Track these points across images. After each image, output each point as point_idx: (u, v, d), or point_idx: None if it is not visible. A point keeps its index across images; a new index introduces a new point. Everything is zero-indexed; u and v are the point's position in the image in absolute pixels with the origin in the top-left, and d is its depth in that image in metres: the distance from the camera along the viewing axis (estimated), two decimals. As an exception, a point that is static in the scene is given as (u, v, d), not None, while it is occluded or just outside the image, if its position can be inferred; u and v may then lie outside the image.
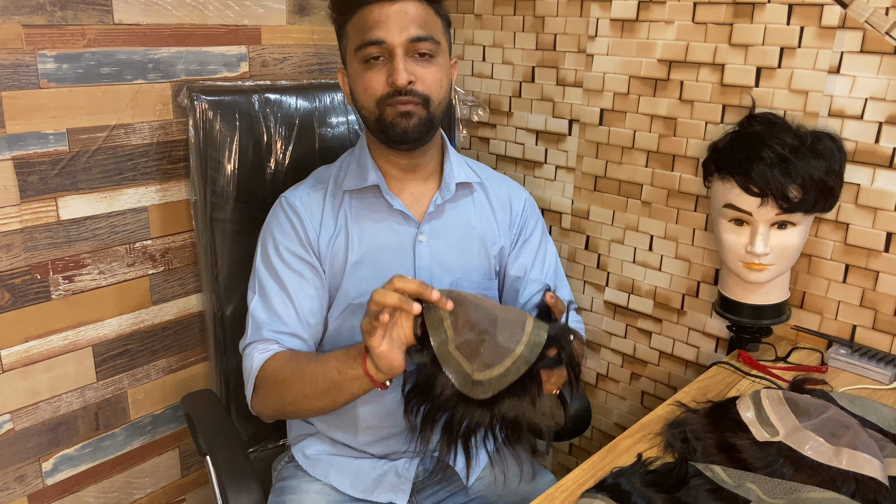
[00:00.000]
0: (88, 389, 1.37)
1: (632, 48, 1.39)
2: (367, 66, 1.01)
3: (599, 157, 1.49)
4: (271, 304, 1.06)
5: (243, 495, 1.00)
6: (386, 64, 1.00)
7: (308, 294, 1.07)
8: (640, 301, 1.50)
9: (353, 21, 1.02)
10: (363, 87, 1.02)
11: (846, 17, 1.14)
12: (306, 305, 1.07)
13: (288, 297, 1.06)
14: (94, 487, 1.43)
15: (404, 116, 1.01)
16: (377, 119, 1.02)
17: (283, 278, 1.06)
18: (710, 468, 0.87)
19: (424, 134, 1.04)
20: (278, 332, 1.05)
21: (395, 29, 0.98)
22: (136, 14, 1.26)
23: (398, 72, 0.98)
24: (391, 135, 1.03)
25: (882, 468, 0.84)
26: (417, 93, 1.00)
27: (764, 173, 1.08)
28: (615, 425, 1.63)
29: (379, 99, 1.01)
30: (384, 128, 1.02)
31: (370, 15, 0.99)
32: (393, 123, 1.01)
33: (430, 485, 1.17)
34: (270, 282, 1.07)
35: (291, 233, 1.08)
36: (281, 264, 1.07)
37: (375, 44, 0.99)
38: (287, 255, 1.07)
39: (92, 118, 1.25)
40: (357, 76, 1.03)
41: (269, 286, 1.07)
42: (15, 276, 1.23)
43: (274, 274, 1.07)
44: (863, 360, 1.17)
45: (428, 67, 1.01)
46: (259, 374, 1.03)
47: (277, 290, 1.06)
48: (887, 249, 1.18)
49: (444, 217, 1.12)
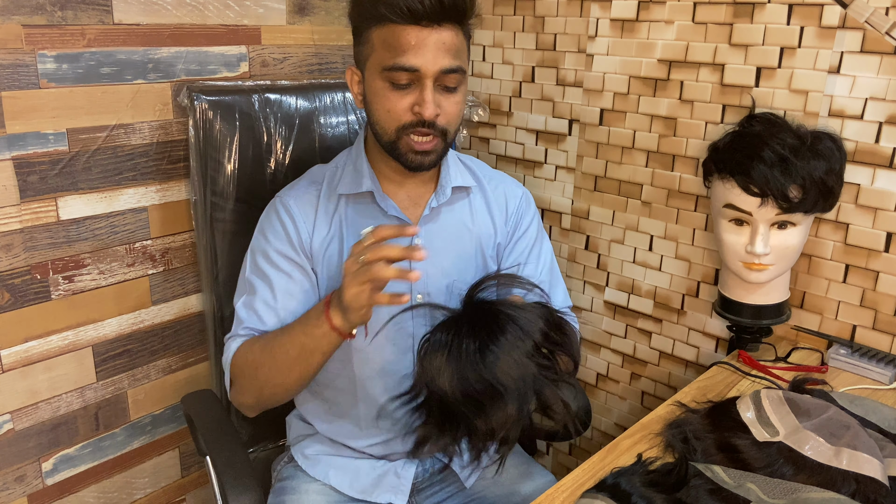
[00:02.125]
0: (88, 389, 1.37)
1: (632, 48, 1.39)
2: (392, 88, 0.98)
3: (599, 157, 1.49)
4: (254, 304, 1.07)
5: (243, 495, 1.00)
6: (412, 90, 0.97)
7: (293, 295, 1.07)
8: (640, 301, 1.50)
9: (381, 32, 0.97)
10: (385, 109, 0.99)
11: (846, 17, 1.14)
12: (290, 306, 1.07)
13: (273, 297, 1.06)
14: (94, 487, 1.43)
15: (421, 154, 1.00)
16: (392, 143, 1.01)
17: (271, 278, 1.07)
18: (711, 468, 0.87)
19: (436, 164, 1.05)
20: (253, 329, 1.06)
21: (430, 58, 0.95)
22: (136, 14, 1.26)
23: (427, 104, 0.96)
24: (403, 164, 1.02)
25: (882, 468, 0.84)
26: (438, 127, 0.99)
27: (764, 173, 1.08)
28: (615, 425, 1.63)
29: (400, 126, 0.99)
30: (398, 156, 1.02)
31: (405, 36, 0.94)
32: (408, 157, 1.01)
33: (430, 485, 1.17)
34: (258, 281, 1.07)
35: (283, 235, 1.08)
36: (268, 264, 1.07)
37: (408, 70, 0.95)
38: (276, 256, 1.07)
39: (92, 118, 1.25)
40: (379, 94, 0.99)
41: (256, 285, 1.07)
42: (15, 276, 1.23)
43: (261, 273, 1.07)
44: (863, 361, 1.17)
45: (452, 98, 1.00)
46: (233, 361, 1.05)
47: (263, 288, 1.07)
48: (887, 249, 1.18)
49: (439, 220, 1.12)
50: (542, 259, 1.21)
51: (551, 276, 1.22)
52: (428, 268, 1.10)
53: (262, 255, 1.08)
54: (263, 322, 1.06)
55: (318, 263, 1.08)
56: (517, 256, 1.18)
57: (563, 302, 1.23)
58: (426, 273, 1.10)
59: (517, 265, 1.18)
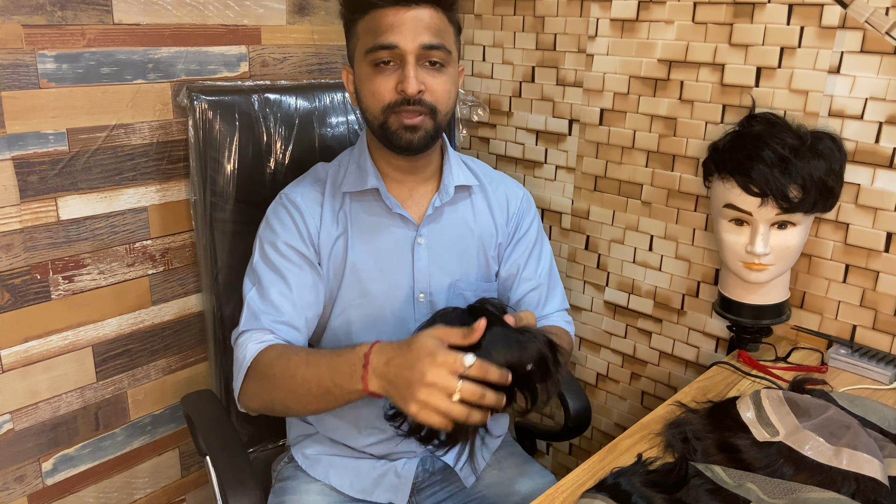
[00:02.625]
0: (88, 389, 1.37)
1: (632, 48, 1.39)
2: (376, 70, 0.99)
3: (599, 157, 1.49)
4: (269, 295, 1.04)
5: (243, 495, 1.00)
6: (396, 70, 0.99)
7: (306, 285, 1.06)
8: (640, 301, 1.50)
9: (364, 21, 1.00)
10: (371, 92, 1.00)
11: (846, 17, 1.14)
12: (304, 296, 1.06)
13: (287, 287, 1.04)
14: (93, 487, 1.43)
15: (410, 130, 1.00)
16: (381, 125, 1.02)
17: (283, 270, 1.05)
18: (711, 468, 0.87)
19: (428, 145, 1.04)
20: (275, 322, 1.03)
21: (408, 34, 0.97)
22: (136, 14, 1.26)
23: (409, 80, 0.97)
24: (395, 144, 1.02)
25: (882, 468, 0.84)
26: (426, 103, 0.99)
27: (764, 173, 1.08)
28: (615, 425, 1.63)
29: (386, 106, 1.00)
30: (388, 136, 1.02)
31: (384, 18, 0.97)
32: (397, 134, 1.01)
33: (430, 485, 1.17)
34: (269, 273, 1.05)
35: (292, 226, 1.07)
36: (279, 258, 1.06)
37: (387, 48, 0.97)
38: (286, 248, 1.06)
39: (92, 118, 1.25)
40: (365, 79, 1.01)
41: (266, 278, 1.05)
42: (15, 276, 1.23)
43: (273, 266, 1.06)
44: (863, 360, 1.17)
45: (438, 77, 1.00)
46: (251, 364, 1.00)
47: (276, 280, 1.05)
48: (887, 249, 1.18)
49: (442, 219, 1.12)
50: (542, 261, 1.21)
51: (550, 278, 1.22)
52: (430, 267, 1.10)
53: (272, 246, 1.07)
54: (282, 313, 1.03)
55: (325, 259, 1.08)
56: (517, 258, 1.19)
57: (560, 304, 1.23)
58: (428, 272, 1.10)
59: (517, 266, 1.19)
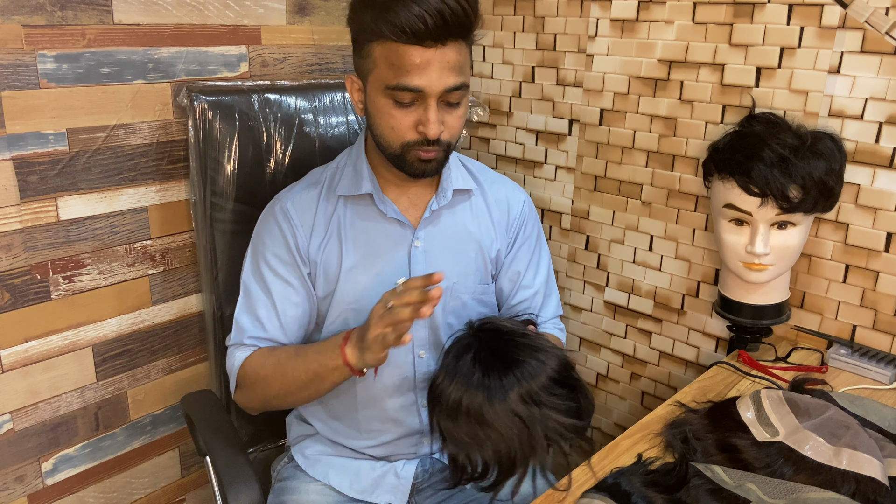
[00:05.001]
0: (88, 389, 1.37)
1: (632, 48, 1.38)
2: (395, 106, 0.97)
3: (599, 157, 1.49)
4: (255, 310, 1.08)
5: (243, 495, 1.00)
6: (416, 108, 0.97)
7: (293, 302, 1.08)
8: (640, 301, 1.50)
9: (384, 49, 0.95)
10: (390, 126, 0.99)
11: (846, 17, 1.14)
12: (290, 312, 1.08)
13: (272, 304, 1.08)
14: (93, 487, 1.43)
15: (425, 162, 1.01)
16: (397, 156, 1.01)
17: (270, 285, 1.08)
18: (711, 468, 0.87)
19: (438, 170, 1.06)
20: (258, 339, 1.09)
21: (434, 77, 0.94)
22: (136, 14, 1.26)
23: (431, 124, 0.96)
24: (408, 172, 1.03)
25: (882, 468, 0.84)
26: (443, 142, 1.00)
27: (764, 173, 1.08)
28: (615, 425, 1.63)
29: (405, 143, 0.99)
30: (403, 165, 1.02)
31: (409, 55, 0.92)
32: (413, 165, 1.01)
33: (429, 485, 1.17)
34: (256, 287, 1.09)
35: (280, 239, 1.08)
36: (268, 270, 1.08)
37: (412, 91, 0.94)
38: (274, 260, 1.08)
39: (92, 118, 1.25)
40: (382, 111, 0.99)
41: (254, 291, 1.09)
42: (15, 276, 1.23)
43: (260, 281, 1.08)
44: (863, 361, 1.17)
45: (454, 112, 0.99)
46: (240, 372, 1.08)
47: (262, 295, 1.08)
48: (887, 249, 1.18)
49: (440, 222, 1.12)
50: (541, 268, 1.22)
51: (547, 285, 1.23)
52: (427, 269, 1.10)
53: (262, 259, 1.09)
54: (266, 330, 1.08)
55: (316, 266, 1.08)
56: (518, 265, 1.19)
57: (555, 311, 1.25)
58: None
59: (517, 274, 1.19)
